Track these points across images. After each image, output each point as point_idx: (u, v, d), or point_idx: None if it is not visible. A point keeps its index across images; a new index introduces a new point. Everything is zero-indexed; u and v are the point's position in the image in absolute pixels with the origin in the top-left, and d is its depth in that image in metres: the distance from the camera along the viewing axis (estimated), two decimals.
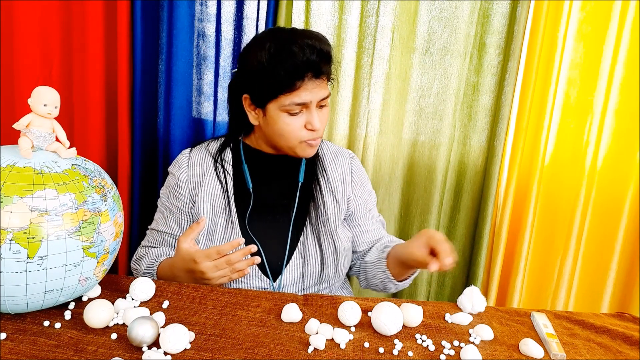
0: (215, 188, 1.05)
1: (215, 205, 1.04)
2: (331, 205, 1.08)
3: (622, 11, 1.42)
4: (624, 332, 0.85)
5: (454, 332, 0.81)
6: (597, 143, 1.52)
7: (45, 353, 0.66)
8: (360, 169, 1.16)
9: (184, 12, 1.38)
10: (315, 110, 0.97)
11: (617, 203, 1.56)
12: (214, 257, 0.90)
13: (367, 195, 1.16)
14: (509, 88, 1.45)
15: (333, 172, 1.11)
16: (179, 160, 1.09)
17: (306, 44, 0.92)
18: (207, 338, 0.73)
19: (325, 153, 1.13)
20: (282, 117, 0.97)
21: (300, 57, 0.92)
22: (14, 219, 0.66)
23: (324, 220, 1.06)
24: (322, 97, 0.97)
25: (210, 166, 1.07)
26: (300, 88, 0.94)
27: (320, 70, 0.95)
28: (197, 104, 1.49)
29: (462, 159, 1.57)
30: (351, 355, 0.72)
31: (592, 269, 1.63)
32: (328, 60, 0.97)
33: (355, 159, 1.17)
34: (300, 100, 0.95)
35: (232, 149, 1.10)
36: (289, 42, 0.93)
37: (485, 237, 1.53)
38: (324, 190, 1.08)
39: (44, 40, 1.42)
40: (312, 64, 0.93)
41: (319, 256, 1.04)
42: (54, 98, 0.74)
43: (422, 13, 1.46)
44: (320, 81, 0.96)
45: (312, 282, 1.04)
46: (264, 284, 1.01)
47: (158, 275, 1.01)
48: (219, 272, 0.90)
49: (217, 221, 1.03)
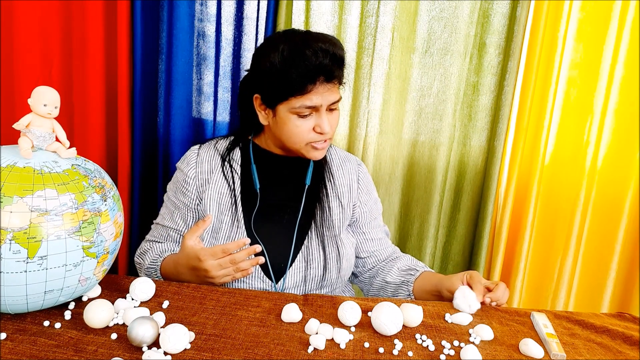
0: (223, 186, 1.05)
1: (222, 204, 1.04)
2: (337, 210, 1.08)
3: (622, 11, 1.43)
4: (624, 332, 0.85)
5: (454, 332, 0.81)
6: (597, 143, 1.52)
7: (45, 353, 0.66)
8: (367, 176, 1.16)
9: (184, 12, 1.38)
10: (325, 113, 0.98)
11: (617, 203, 1.56)
12: (219, 256, 0.90)
13: (373, 203, 1.15)
14: (509, 88, 1.45)
15: (340, 177, 1.11)
16: (188, 157, 1.09)
17: (320, 48, 0.92)
18: (207, 338, 0.73)
19: (333, 158, 1.13)
20: (292, 119, 0.97)
21: (313, 60, 0.92)
22: (14, 219, 0.66)
23: (329, 225, 1.06)
24: (333, 100, 0.97)
25: (218, 164, 1.07)
26: (312, 91, 0.94)
27: (333, 75, 0.95)
28: (197, 104, 1.49)
29: (462, 159, 1.57)
30: (351, 355, 0.72)
31: (592, 269, 1.63)
32: (340, 65, 0.97)
33: (363, 166, 1.17)
34: (311, 103, 0.95)
35: (241, 148, 1.10)
36: (303, 45, 0.93)
37: (485, 237, 1.53)
38: (330, 194, 1.08)
39: (44, 40, 1.42)
40: (324, 68, 0.93)
41: (322, 260, 1.04)
42: (54, 98, 0.74)
43: (422, 13, 1.46)
44: (332, 85, 0.96)
45: (314, 285, 1.04)
46: (266, 286, 1.01)
47: (161, 271, 1.00)
48: (223, 271, 0.90)
49: (223, 219, 1.03)
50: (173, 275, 0.97)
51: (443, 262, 1.64)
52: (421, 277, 1.06)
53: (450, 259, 1.63)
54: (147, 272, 1.03)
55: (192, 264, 0.92)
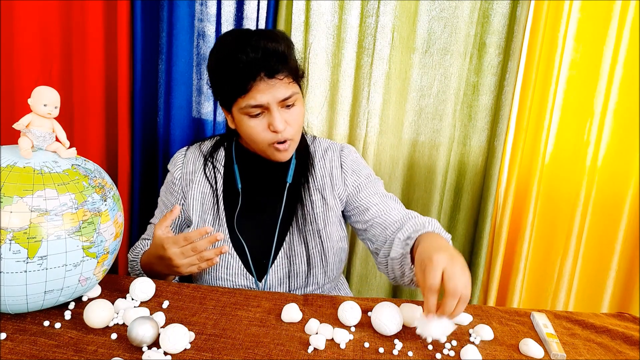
0: (205, 187, 1.07)
1: (205, 204, 1.06)
2: (319, 203, 1.06)
3: (622, 11, 1.42)
4: (624, 332, 0.85)
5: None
6: (597, 143, 1.52)
7: (45, 353, 0.66)
8: (350, 158, 1.11)
9: (184, 12, 1.38)
10: (279, 110, 0.94)
11: (617, 203, 1.56)
12: (182, 244, 0.89)
13: (364, 179, 1.09)
14: (509, 88, 1.45)
15: (321, 169, 1.09)
16: (175, 158, 1.12)
17: (251, 45, 0.90)
18: (207, 338, 0.73)
19: (316, 150, 1.11)
20: (245, 120, 0.96)
21: (244, 58, 0.90)
22: (14, 219, 0.66)
23: (311, 220, 1.04)
24: (283, 97, 0.93)
25: (201, 165, 1.09)
26: (253, 89, 0.91)
27: (274, 69, 0.91)
28: (197, 104, 1.49)
29: (462, 159, 1.57)
30: (351, 355, 0.72)
31: (592, 269, 1.63)
32: (281, 59, 0.92)
33: (346, 149, 1.12)
34: (255, 102, 0.92)
35: (225, 148, 1.11)
36: (234, 44, 0.92)
37: (485, 237, 1.53)
38: (312, 189, 1.07)
39: (44, 40, 1.42)
40: (258, 64, 0.90)
41: (305, 256, 1.03)
42: (54, 98, 0.74)
43: (422, 13, 1.46)
44: (276, 81, 0.92)
45: (299, 283, 1.04)
46: (249, 283, 1.02)
47: (141, 264, 1.01)
48: (186, 260, 0.89)
49: (206, 219, 1.05)
50: (148, 267, 0.98)
51: None
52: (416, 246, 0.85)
53: None
54: (130, 266, 1.06)
55: (159, 252, 0.92)
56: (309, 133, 1.15)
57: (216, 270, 1.03)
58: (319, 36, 1.46)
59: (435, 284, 0.71)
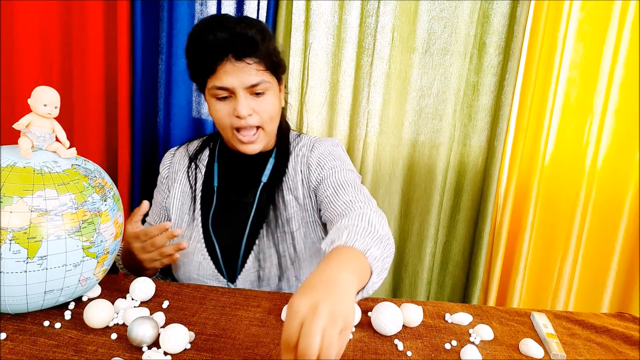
0: (186, 185, 1.08)
1: (185, 203, 1.07)
2: (293, 204, 1.02)
3: (622, 11, 1.42)
4: (624, 332, 0.85)
5: (454, 332, 0.81)
6: (597, 143, 1.52)
7: (45, 353, 0.66)
8: (320, 152, 1.03)
9: (184, 12, 1.38)
10: (246, 96, 0.93)
11: (617, 203, 1.56)
12: (143, 239, 0.90)
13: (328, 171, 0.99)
14: (509, 88, 1.45)
15: (294, 168, 1.04)
16: (165, 158, 1.15)
17: (222, 25, 0.91)
18: (207, 338, 0.73)
19: (294, 148, 1.07)
20: (212, 102, 0.96)
21: (210, 38, 0.90)
22: (14, 219, 0.66)
23: (283, 222, 1.01)
24: (250, 83, 0.92)
25: (186, 164, 1.10)
26: (220, 70, 0.91)
27: (242, 52, 0.90)
28: (197, 104, 1.49)
29: (462, 159, 1.57)
30: (351, 355, 0.72)
31: (592, 269, 1.63)
32: (251, 43, 0.90)
33: (318, 143, 1.05)
34: (221, 83, 0.91)
35: (210, 147, 1.12)
36: (205, 26, 0.93)
37: (485, 237, 1.53)
38: (285, 190, 1.03)
39: (44, 40, 1.42)
40: (226, 44, 0.89)
41: (276, 259, 1.00)
42: (54, 98, 0.74)
43: (422, 13, 1.46)
44: (244, 65, 0.91)
45: (273, 285, 1.01)
46: (221, 284, 1.02)
47: (122, 259, 1.02)
48: (147, 255, 0.91)
49: (184, 218, 1.06)
50: (126, 262, 0.99)
51: (443, 262, 1.64)
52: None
53: (450, 259, 1.63)
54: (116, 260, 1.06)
55: (127, 247, 0.94)
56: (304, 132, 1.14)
57: (189, 270, 1.03)
58: (319, 36, 1.46)
59: (288, 339, 0.52)
